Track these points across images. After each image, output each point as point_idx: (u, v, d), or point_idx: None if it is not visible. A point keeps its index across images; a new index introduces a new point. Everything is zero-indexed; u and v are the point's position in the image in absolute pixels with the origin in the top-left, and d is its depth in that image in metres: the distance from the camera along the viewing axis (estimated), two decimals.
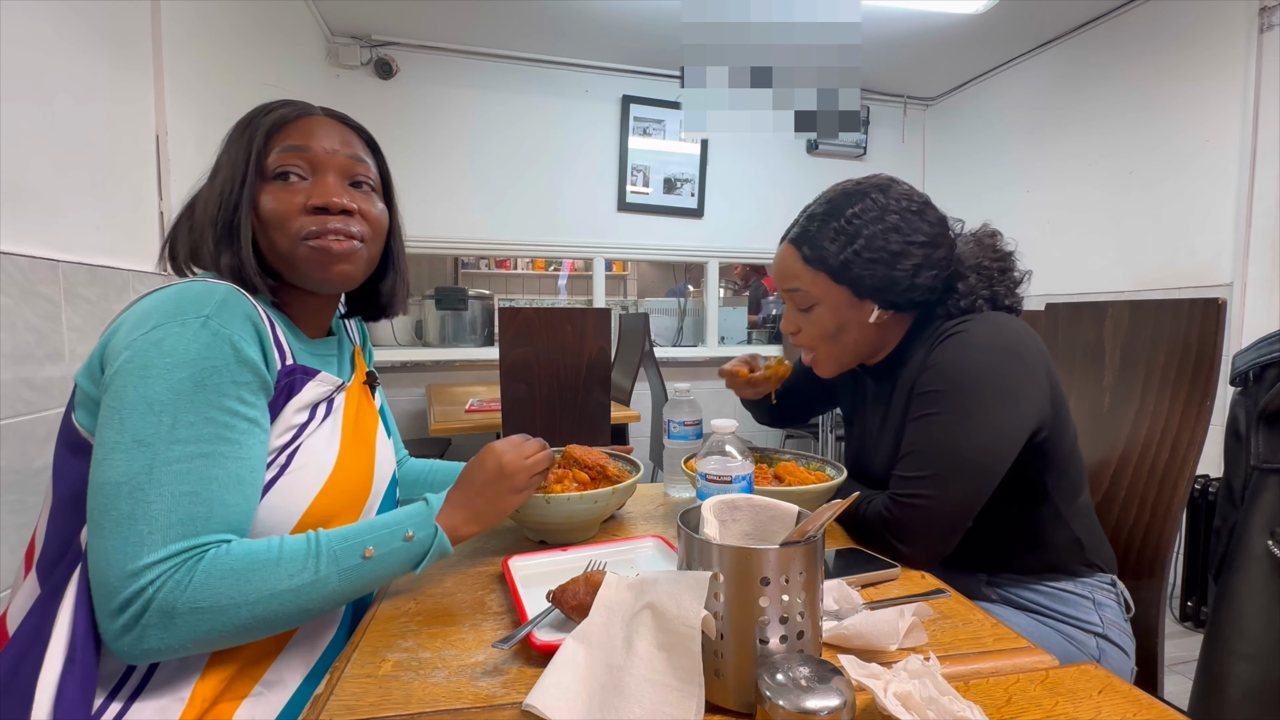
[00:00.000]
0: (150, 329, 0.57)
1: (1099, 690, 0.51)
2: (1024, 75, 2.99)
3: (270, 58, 2.17)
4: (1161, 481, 0.92)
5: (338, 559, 0.60)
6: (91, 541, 0.54)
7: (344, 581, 0.60)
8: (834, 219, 0.86)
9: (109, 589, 0.53)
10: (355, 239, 0.70)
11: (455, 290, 3.26)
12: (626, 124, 3.26)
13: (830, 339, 0.89)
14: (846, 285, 0.86)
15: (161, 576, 0.53)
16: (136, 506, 0.54)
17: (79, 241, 1.13)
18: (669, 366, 3.27)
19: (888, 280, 0.84)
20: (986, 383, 0.79)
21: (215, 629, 0.55)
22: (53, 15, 1.09)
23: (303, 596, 0.58)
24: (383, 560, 0.62)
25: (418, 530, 0.64)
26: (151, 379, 0.55)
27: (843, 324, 0.88)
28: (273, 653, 0.64)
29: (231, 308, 0.60)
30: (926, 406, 0.81)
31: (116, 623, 0.53)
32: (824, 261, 0.86)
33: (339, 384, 0.72)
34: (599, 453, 0.94)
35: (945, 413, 0.79)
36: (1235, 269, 2.12)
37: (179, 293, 0.60)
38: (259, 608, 0.56)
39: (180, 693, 0.59)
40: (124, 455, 0.54)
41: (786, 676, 0.42)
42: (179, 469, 0.55)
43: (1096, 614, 0.84)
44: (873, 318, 0.87)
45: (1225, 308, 0.87)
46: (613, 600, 0.55)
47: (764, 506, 0.58)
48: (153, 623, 0.53)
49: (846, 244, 0.84)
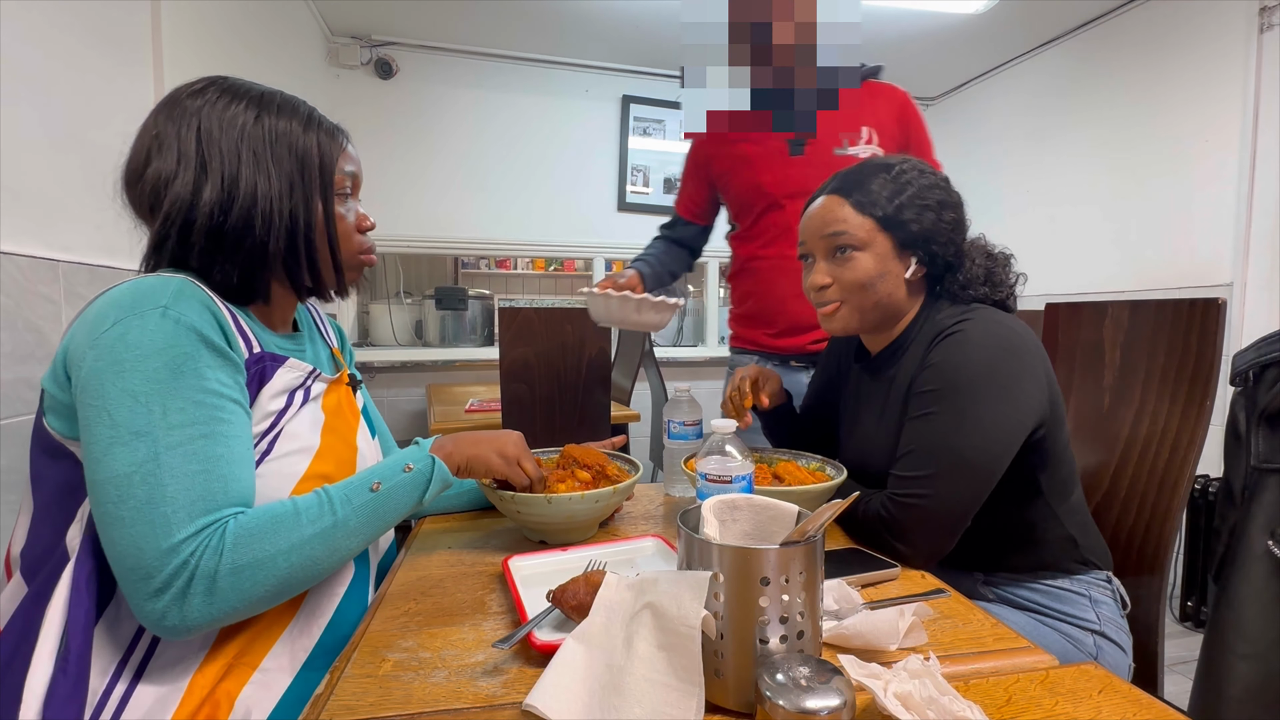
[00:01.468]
0: (111, 325, 0.58)
1: (1099, 690, 0.51)
2: (1024, 75, 2.99)
3: (270, 58, 2.17)
4: (1161, 481, 0.92)
5: (349, 499, 0.64)
6: (110, 534, 0.55)
7: (362, 518, 0.65)
8: (882, 172, 0.89)
9: (145, 571, 0.54)
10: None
11: (455, 290, 3.26)
12: (626, 124, 3.26)
13: (864, 289, 0.88)
14: (895, 232, 0.88)
15: (199, 547, 0.56)
16: (154, 491, 0.55)
17: (79, 241, 1.13)
18: (669, 366, 3.27)
19: (934, 229, 0.87)
20: (985, 382, 0.79)
21: (258, 585, 0.58)
22: (53, 15, 1.09)
23: (329, 540, 0.62)
24: (391, 493, 0.67)
25: (415, 462, 0.70)
26: (127, 372, 0.56)
27: (884, 272, 0.88)
28: (270, 638, 0.65)
29: (188, 297, 0.61)
30: (925, 406, 0.81)
31: (161, 601, 0.54)
32: (875, 206, 0.87)
33: (312, 370, 0.73)
34: (599, 453, 0.94)
35: (944, 413, 0.80)
36: (1235, 269, 2.12)
37: (132, 288, 0.61)
38: (293, 556, 0.60)
39: (179, 683, 0.60)
40: (125, 448, 0.55)
41: (786, 676, 0.42)
42: (184, 451, 0.57)
43: (1093, 611, 0.84)
44: (909, 272, 0.89)
45: (1225, 308, 0.87)
46: (613, 600, 0.55)
47: (764, 506, 0.58)
48: (199, 591, 0.55)
49: (897, 192, 0.87)
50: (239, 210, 0.67)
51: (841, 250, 0.89)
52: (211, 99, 0.68)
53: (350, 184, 0.76)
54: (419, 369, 3.06)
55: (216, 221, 0.66)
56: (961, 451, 0.78)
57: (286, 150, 0.69)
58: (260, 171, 0.68)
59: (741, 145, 1.36)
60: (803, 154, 1.33)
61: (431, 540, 0.89)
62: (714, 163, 1.40)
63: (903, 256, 0.89)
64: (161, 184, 0.66)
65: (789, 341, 1.39)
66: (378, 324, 3.24)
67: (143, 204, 0.68)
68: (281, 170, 0.69)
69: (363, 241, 0.78)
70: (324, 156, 0.71)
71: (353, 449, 0.77)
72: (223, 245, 0.67)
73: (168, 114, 0.68)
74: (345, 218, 0.75)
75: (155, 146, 0.67)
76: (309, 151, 0.70)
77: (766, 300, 1.39)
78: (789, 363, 1.41)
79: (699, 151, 1.42)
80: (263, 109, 0.69)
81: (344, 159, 0.74)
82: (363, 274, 0.81)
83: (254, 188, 0.67)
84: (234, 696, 0.61)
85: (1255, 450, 0.82)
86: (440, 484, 0.71)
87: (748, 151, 1.35)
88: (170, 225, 0.66)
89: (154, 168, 0.66)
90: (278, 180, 0.68)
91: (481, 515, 1.00)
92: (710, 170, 1.41)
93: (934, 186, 0.89)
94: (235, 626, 0.63)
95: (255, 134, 0.68)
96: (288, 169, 0.69)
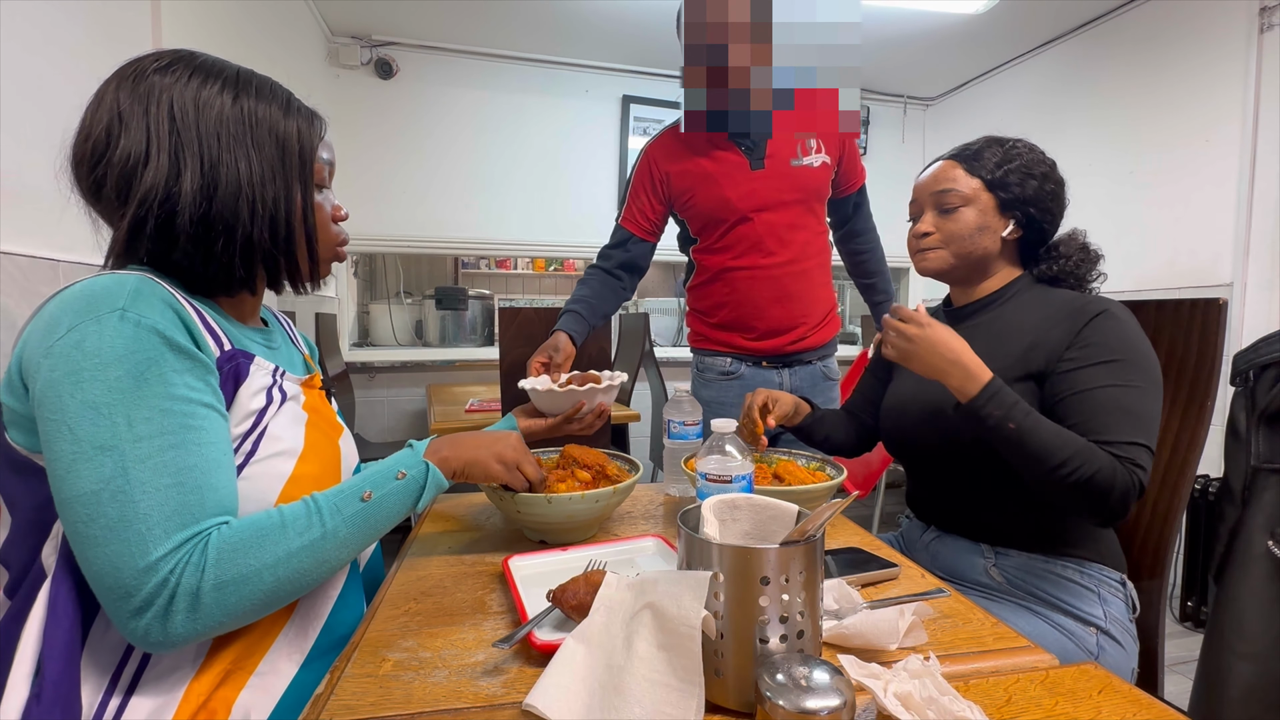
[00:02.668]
0: (65, 332, 0.54)
1: (1099, 690, 0.51)
2: (1024, 75, 2.99)
3: (270, 58, 2.17)
4: (1161, 481, 0.92)
5: (339, 509, 0.61)
6: (84, 553, 0.53)
7: (352, 529, 0.62)
8: (996, 145, 0.97)
9: (124, 591, 0.52)
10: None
11: (455, 290, 3.26)
12: (626, 124, 3.26)
13: (964, 239, 0.95)
14: (998, 193, 0.94)
15: (178, 564, 0.53)
16: (125, 508, 0.52)
17: (79, 241, 1.12)
18: (669, 366, 3.26)
19: (1036, 195, 0.93)
20: (1155, 370, 0.83)
21: (243, 601, 0.55)
22: (53, 15, 1.09)
23: (317, 551, 0.59)
24: (382, 502, 0.64)
25: (409, 469, 0.67)
26: (85, 383, 0.53)
27: (983, 227, 0.95)
28: (265, 644, 0.64)
29: (147, 296, 0.57)
30: (1120, 375, 0.81)
31: (142, 620, 0.52)
32: (984, 168, 0.95)
33: (276, 368, 0.69)
34: (599, 453, 0.94)
35: (1141, 385, 0.81)
36: (1235, 269, 2.12)
37: (84, 289, 0.56)
38: (279, 569, 0.57)
39: (175, 691, 0.59)
40: (89, 464, 0.52)
41: (786, 676, 0.42)
42: (153, 464, 0.54)
43: (1100, 608, 0.84)
44: (1007, 231, 0.95)
45: (1225, 308, 0.87)
46: (613, 600, 0.55)
47: (764, 506, 0.58)
48: (181, 609, 0.53)
49: (1006, 160, 0.95)
50: (222, 198, 0.62)
51: (949, 205, 0.96)
52: (183, 77, 0.63)
53: (328, 172, 0.74)
54: (419, 369, 3.06)
55: (200, 211, 0.61)
56: (1154, 426, 0.80)
57: (268, 135, 0.65)
58: (241, 157, 0.63)
59: (700, 162, 1.39)
60: (764, 168, 1.38)
61: (431, 540, 0.89)
62: (673, 180, 1.42)
63: (1004, 216, 0.95)
64: (130, 169, 0.60)
65: (766, 344, 1.45)
66: (378, 324, 3.25)
67: (102, 188, 0.62)
68: (263, 156, 0.65)
69: (339, 232, 0.76)
70: (304, 142, 0.68)
71: (336, 450, 0.74)
72: (206, 236, 0.62)
73: (131, 89, 0.61)
74: (323, 207, 0.73)
75: (119, 125, 0.60)
76: (290, 137, 0.67)
77: (744, 308, 1.44)
78: (760, 363, 1.47)
79: (654, 170, 1.43)
80: (240, 91, 0.65)
81: (322, 145, 0.72)
82: (332, 267, 0.78)
83: (236, 174, 0.63)
84: (231, 702, 0.60)
85: (1255, 450, 0.82)
86: (435, 490, 0.68)
87: (709, 169, 1.39)
88: (146, 213, 0.60)
89: (121, 149, 0.60)
90: (259, 166, 0.64)
91: (481, 515, 1.00)
92: (669, 189, 1.43)
93: (1041, 162, 0.96)
94: (230, 634, 0.61)
95: (234, 117, 0.64)
96: (269, 154, 0.65)
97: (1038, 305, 0.92)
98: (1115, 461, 0.76)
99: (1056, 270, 0.95)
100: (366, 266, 3.53)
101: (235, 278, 0.66)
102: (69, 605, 0.55)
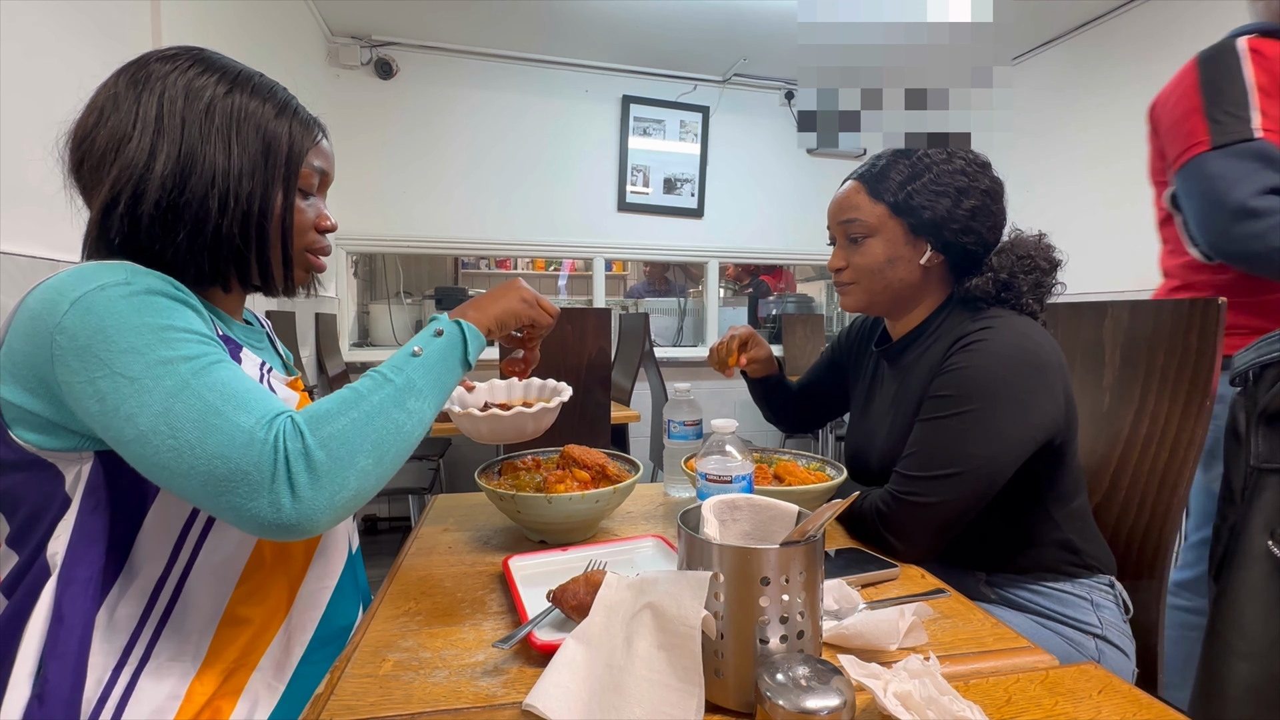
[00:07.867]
0: (70, 306, 0.52)
1: (1099, 690, 0.51)
2: (1023, 75, 2.99)
3: (270, 58, 2.17)
4: (1161, 481, 0.92)
5: (400, 368, 0.61)
6: (185, 466, 0.50)
7: (422, 376, 0.61)
8: (904, 157, 0.89)
9: (240, 473, 0.50)
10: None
11: (455, 290, 3.26)
12: (626, 124, 3.26)
13: (876, 273, 0.89)
14: (906, 218, 0.87)
15: (277, 433, 0.52)
16: (202, 403, 0.51)
17: (79, 241, 1.13)
18: (669, 366, 3.27)
19: (947, 215, 0.85)
20: (1003, 394, 0.78)
21: (354, 453, 0.54)
22: (53, 15, 1.09)
23: (402, 401, 0.59)
24: (434, 355, 0.63)
25: (444, 327, 0.66)
26: (114, 337, 0.52)
27: (893, 258, 0.88)
28: (265, 640, 0.64)
29: (143, 275, 0.57)
30: (939, 409, 0.81)
31: (270, 494, 0.50)
32: (888, 193, 0.87)
33: (263, 364, 0.69)
34: (598, 453, 0.94)
35: (957, 418, 0.79)
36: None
37: (74, 272, 0.55)
38: (372, 424, 0.56)
39: (176, 691, 0.59)
40: (152, 386, 0.51)
41: (786, 676, 0.42)
42: (208, 376, 0.53)
43: (1095, 615, 0.84)
44: (924, 259, 0.88)
45: (1225, 308, 0.87)
46: (613, 600, 0.55)
47: (764, 506, 0.58)
48: (299, 470, 0.51)
49: (913, 178, 0.86)
50: (194, 186, 0.61)
51: (854, 235, 0.90)
52: (183, 66, 0.63)
53: (318, 180, 0.72)
54: None
55: (169, 195, 0.60)
56: (969, 459, 0.78)
57: (253, 131, 0.65)
58: (221, 149, 0.63)
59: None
60: None
61: (431, 540, 0.89)
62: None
63: (916, 243, 0.89)
64: (112, 146, 0.60)
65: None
66: (378, 324, 3.25)
67: (86, 164, 0.62)
68: (245, 151, 0.64)
69: (317, 240, 0.73)
70: (293, 146, 0.67)
71: None
72: (174, 223, 0.61)
73: (131, 76, 0.63)
74: (305, 212, 0.71)
75: (111, 105, 0.61)
76: (277, 138, 0.66)
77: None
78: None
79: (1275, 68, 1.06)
80: (236, 85, 0.65)
81: (315, 153, 0.70)
82: (311, 277, 0.75)
83: (212, 164, 0.62)
84: (235, 699, 0.61)
85: (1255, 450, 0.82)
86: (476, 344, 0.68)
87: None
88: (118, 193, 0.59)
89: (107, 127, 0.60)
90: (239, 160, 0.63)
91: (481, 515, 1.00)
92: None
93: (958, 172, 0.86)
94: (229, 633, 0.62)
95: (223, 108, 0.63)
96: (251, 151, 0.64)
97: (947, 336, 0.86)
98: (883, 493, 0.82)
99: (974, 290, 0.87)
100: (366, 266, 3.53)
101: (203, 271, 0.65)
102: (76, 605, 0.55)
